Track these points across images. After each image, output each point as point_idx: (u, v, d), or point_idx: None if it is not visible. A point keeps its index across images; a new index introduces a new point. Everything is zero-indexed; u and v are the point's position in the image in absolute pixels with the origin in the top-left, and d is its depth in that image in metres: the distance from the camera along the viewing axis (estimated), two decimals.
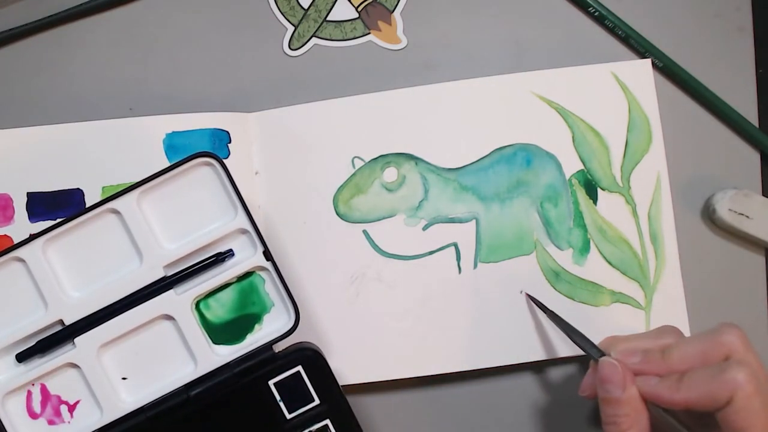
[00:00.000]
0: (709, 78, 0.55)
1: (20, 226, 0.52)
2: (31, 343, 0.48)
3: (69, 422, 0.49)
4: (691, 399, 0.41)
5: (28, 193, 0.52)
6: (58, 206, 0.52)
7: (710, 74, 0.55)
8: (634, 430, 0.43)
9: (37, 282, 0.47)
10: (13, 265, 0.48)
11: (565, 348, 0.53)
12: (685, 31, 0.56)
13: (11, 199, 0.52)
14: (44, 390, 0.49)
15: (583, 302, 0.53)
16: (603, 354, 0.47)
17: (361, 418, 0.50)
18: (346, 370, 0.53)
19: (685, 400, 0.41)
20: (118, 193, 0.47)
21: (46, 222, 0.51)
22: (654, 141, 0.53)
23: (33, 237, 0.47)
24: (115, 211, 0.48)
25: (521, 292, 0.53)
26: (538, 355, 0.53)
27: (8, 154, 0.52)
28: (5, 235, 0.51)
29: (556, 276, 0.53)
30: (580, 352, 0.52)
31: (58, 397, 0.49)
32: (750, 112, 0.55)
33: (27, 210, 0.52)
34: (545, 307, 0.52)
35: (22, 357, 0.48)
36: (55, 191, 0.52)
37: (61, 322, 0.48)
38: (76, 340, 0.48)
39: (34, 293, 0.48)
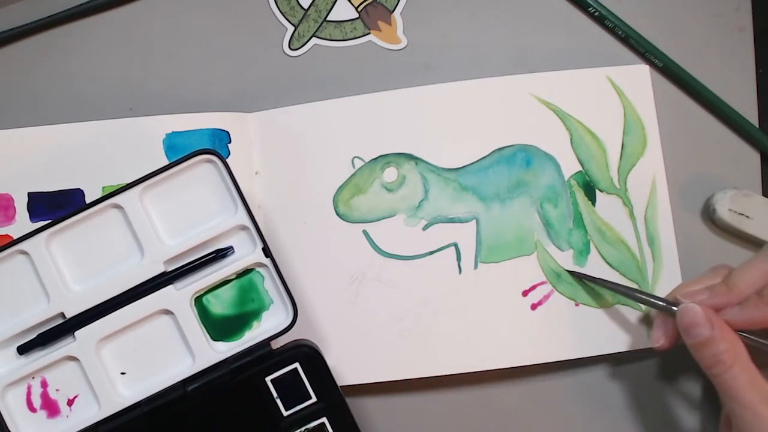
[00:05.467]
0: (709, 78, 0.58)
1: (21, 225, 0.55)
2: (32, 335, 0.52)
3: (67, 416, 0.52)
4: None
5: (29, 193, 0.55)
6: (58, 206, 0.55)
7: (710, 74, 0.58)
8: (739, 362, 0.46)
9: (40, 275, 0.51)
10: (17, 257, 0.51)
11: (567, 351, 0.55)
12: (685, 31, 0.59)
13: (12, 199, 0.55)
14: (44, 383, 0.52)
15: (584, 303, 0.56)
16: (672, 305, 0.50)
17: (359, 420, 0.52)
18: (346, 371, 0.55)
19: None
20: (121, 188, 0.51)
21: None
22: (649, 145, 0.57)
23: (37, 230, 0.51)
24: (118, 207, 0.51)
25: (568, 270, 0.56)
26: (539, 357, 0.55)
27: (9, 155, 0.55)
28: (6, 234, 0.55)
29: (557, 277, 0.56)
30: (582, 355, 0.55)
31: (57, 391, 0.52)
32: (750, 112, 0.58)
33: (28, 210, 0.55)
34: (593, 277, 0.55)
35: (23, 349, 0.52)
36: (55, 191, 0.55)
37: (62, 315, 0.52)
38: (77, 333, 0.51)
39: (37, 286, 0.52)
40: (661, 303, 0.51)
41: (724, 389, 0.46)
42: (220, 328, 0.53)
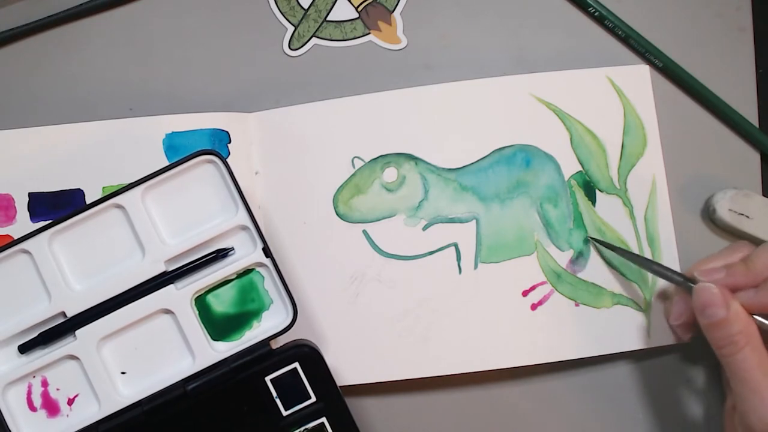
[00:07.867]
0: (709, 78, 0.59)
1: (22, 226, 0.56)
2: (34, 334, 0.53)
3: (67, 415, 0.53)
4: None
5: (29, 193, 0.56)
6: (59, 206, 0.56)
7: (710, 74, 0.59)
8: (751, 345, 0.46)
9: (42, 274, 0.52)
10: (19, 257, 0.53)
11: (567, 351, 0.56)
12: (685, 31, 0.60)
13: (13, 199, 0.56)
14: (44, 382, 0.53)
15: (585, 304, 0.57)
16: (689, 280, 0.51)
17: (358, 420, 0.53)
18: (346, 371, 0.56)
19: None
20: (122, 188, 0.52)
21: None
22: (649, 145, 0.58)
23: (39, 230, 0.52)
24: (119, 206, 0.53)
25: (588, 239, 0.57)
26: (538, 357, 0.56)
27: (9, 155, 0.56)
28: (7, 234, 0.56)
29: (557, 277, 0.57)
30: (582, 356, 0.56)
31: (58, 390, 0.54)
32: (750, 112, 0.59)
33: (29, 210, 0.56)
34: (614, 246, 0.56)
35: (24, 348, 0.53)
36: (56, 191, 0.56)
37: (63, 314, 0.53)
38: (78, 332, 0.53)
39: (39, 285, 0.53)
40: (679, 278, 0.52)
41: (734, 370, 0.47)
42: (220, 327, 0.54)
